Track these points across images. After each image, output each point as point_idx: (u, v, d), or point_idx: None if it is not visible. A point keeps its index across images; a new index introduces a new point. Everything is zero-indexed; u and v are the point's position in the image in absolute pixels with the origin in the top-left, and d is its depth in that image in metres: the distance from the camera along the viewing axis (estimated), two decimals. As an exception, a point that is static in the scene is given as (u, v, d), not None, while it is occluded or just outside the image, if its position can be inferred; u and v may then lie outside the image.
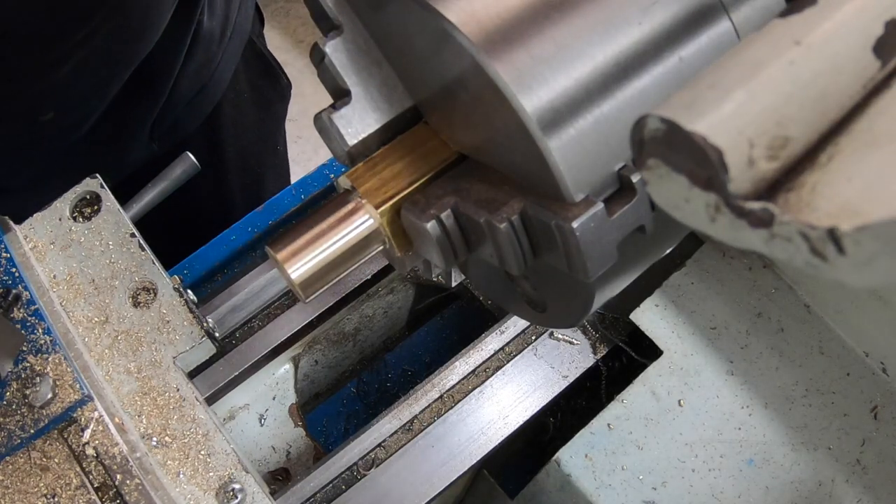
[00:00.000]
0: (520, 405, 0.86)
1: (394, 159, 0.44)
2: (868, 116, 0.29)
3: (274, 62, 1.21)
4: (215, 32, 1.03)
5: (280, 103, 1.25)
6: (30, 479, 0.70)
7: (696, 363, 0.87)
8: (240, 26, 1.08)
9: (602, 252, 0.37)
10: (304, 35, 3.00)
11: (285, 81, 1.23)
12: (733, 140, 0.27)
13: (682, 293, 0.90)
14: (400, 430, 0.85)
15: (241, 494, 0.72)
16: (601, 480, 0.83)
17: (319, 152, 2.52)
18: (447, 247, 0.42)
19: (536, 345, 0.89)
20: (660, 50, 0.38)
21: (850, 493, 0.81)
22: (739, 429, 0.84)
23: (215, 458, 0.73)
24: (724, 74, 0.29)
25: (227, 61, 1.07)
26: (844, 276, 0.26)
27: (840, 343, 0.87)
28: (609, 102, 0.37)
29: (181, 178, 0.74)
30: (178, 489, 0.72)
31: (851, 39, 0.29)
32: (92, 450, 0.72)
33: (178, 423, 0.75)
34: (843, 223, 0.25)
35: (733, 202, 0.27)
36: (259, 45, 1.16)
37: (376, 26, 0.43)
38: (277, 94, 1.24)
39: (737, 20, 0.39)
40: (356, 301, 0.97)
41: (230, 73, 1.09)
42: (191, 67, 1.00)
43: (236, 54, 1.09)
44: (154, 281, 0.77)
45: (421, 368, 1.12)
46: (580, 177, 0.36)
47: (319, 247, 0.42)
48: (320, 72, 0.44)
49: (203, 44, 1.01)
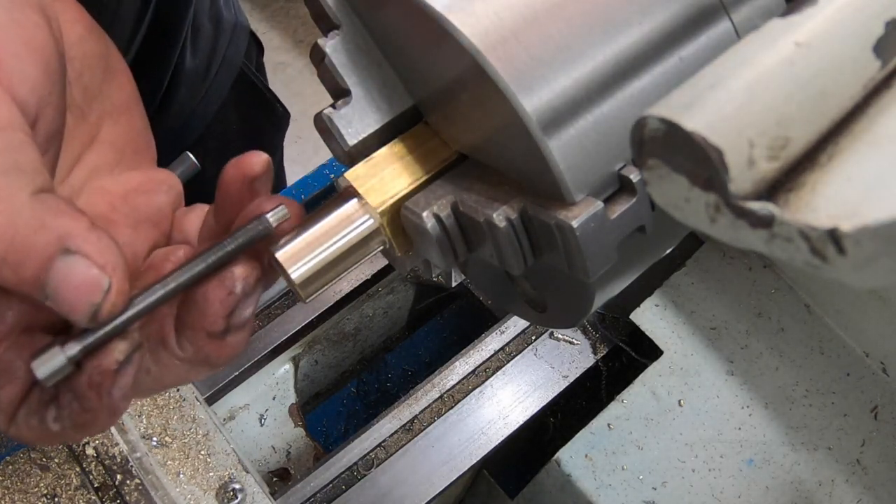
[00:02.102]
0: (520, 405, 0.86)
1: (394, 159, 0.44)
2: (868, 116, 0.29)
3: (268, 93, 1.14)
4: (199, 69, 0.98)
5: (275, 134, 1.20)
6: (30, 479, 0.70)
7: (696, 363, 0.87)
8: (228, 60, 1.02)
9: (602, 252, 0.37)
10: (304, 35, 3.00)
11: (281, 111, 1.17)
12: (733, 140, 0.27)
13: (682, 293, 0.90)
14: (400, 430, 0.85)
15: (241, 494, 0.72)
16: (601, 480, 0.83)
17: (319, 152, 2.52)
18: (447, 247, 0.42)
19: (536, 345, 0.89)
20: (660, 50, 0.38)
21: (850, 493, 0.81)
22: (739, 429, 0.84)
23: (215, 458, 0.73)
24: (724, 74, 0.29)
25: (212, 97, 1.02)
26: (844, 276, 0.26)
27: (840, 343, 0.87)
28: (609, 102, 0.37)
29: (180, 179, 0.74)
30: (178, 489, 0.72)
31: (852, 39, 0.29)
32: (92, 450, 0.72)
33: (178, 423, 0.75)
34: (844, 223, 0.25)
35: (733, 202, 0.27)
36: (252, 75, 1.10)
37: (376, 26, 0.43)
38: (272, 124, 1.18)
39: (737, 20, 0.39)
40: (356, 301, 0.97)
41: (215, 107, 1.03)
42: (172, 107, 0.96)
43: (224, 89, 1.04)
44: (154, 281, 0.77)
45: (421, 368, 1.12)
46: (580, 177, 0.36)
47: (319, 247, 0.41)
48: (320, 72, 0.44)
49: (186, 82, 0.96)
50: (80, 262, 0.36)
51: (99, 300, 0.36)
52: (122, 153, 0.49)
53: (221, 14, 1.01)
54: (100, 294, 0.36)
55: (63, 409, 0.39)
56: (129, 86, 0.49)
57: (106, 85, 0.47)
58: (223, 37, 1.01)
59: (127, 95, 0.49)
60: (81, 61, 0.45)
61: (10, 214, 0.35)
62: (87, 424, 0.40)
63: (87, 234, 0.36)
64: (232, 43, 1.02)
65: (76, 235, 0.36)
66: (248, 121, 1.12)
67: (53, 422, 0.40)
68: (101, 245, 0.36)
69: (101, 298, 0.36)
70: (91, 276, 0.36)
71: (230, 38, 1.02)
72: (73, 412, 0.39)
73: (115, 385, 0.38)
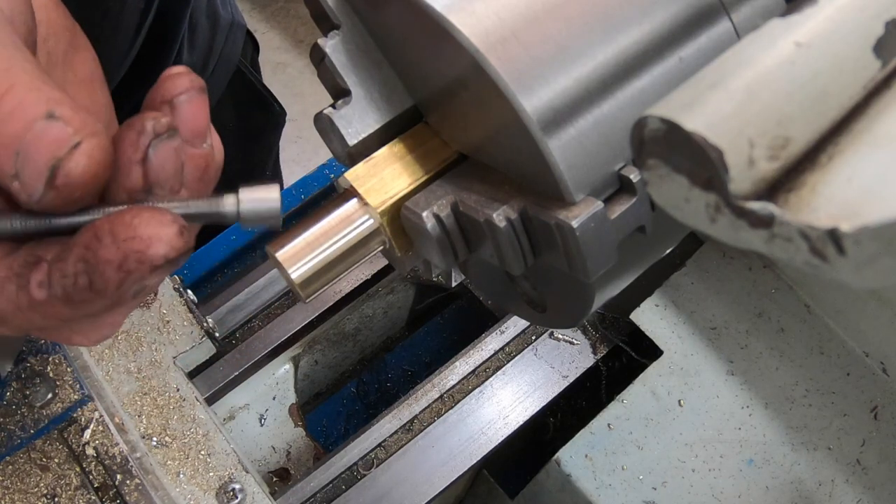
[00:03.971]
0: (520, 405, 0.86)
1: (394, 159, 0.44)
2: (868, 116, 0.29)
3: (265, 91, 1.15)
4: (196, 66, 0.98)
5: (272, 132, 1.20)
6: (30, 479, 0.70)
7: (696, 363, 0.87)
8: (225, 57, 1.03)
9: (602, 252, 0.37)
10: (304, 35, 3.00)
11: (277, 109, 1.18)
12: (733, 140, 0.27)
13: (682, 293, 0.90)
14: (400, 430, 0.85)
15: (241, 494, 0.72)
16: (601, 480, 0.83)
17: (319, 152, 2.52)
18: (447, 247, 0.42)
19: (536, 345, 0.89)
20: (660, 50, 0.38)
21: (850, 493, 0.81)
22: (739, 429, 0.84)
23: (215, 458, 0.73)
24: (724, 74, 0.29)
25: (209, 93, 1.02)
26: (844, 276, 0.26)
27: (840, 343, 0.87)
28: (609, 102, 0.37)
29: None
30: (178, 489, 0.72)
31: (852, 39, 0.29)
32: (92, 450, 0.72)
33: (178, 423, 0.75)
34: (844, 223, 0.25)
35: (733, 202, 0.27)
36: (248, 73, 1.11)
37: (376, 26, 0.43)
38: (269, 123, 1.19)
39: (737, 20, 0.39)
40: (356, 301, 0.97)
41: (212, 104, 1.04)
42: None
43: (220, 86, 1.05)
44: (154, 281, 0.77)
45: (421, 368, 1.12)
46: (580, 177, 0.36)
47: (319, 247, 0.42)
48: (320, 72, 0.44)
49: None
50: (58, 124, 0.35)
51: (61, 155, 0.34)
52: None
53: (218, 12, 1.01)
54: (64, 149, 0.34)
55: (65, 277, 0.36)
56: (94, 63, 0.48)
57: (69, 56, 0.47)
58: (220, 34, 1.01)
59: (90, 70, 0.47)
60: (47, 27, 0.44)
61: (9, 70, 0.35)
62: (83, 303, 0.36)
63: (74, 107, 0.36)
64: (228, 40, 1.02)
65: (64, 104, 0.35)
66: (245, 118, 1.12)
67: (38, 287, 0.36)
68: (82, 115, 0.35)
69: (63, 154, 0.34)
70: (64, 133, 0.35)
71: (227, 36, 1.02)
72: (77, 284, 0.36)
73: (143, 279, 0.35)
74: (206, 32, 0.99)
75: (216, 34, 1.01)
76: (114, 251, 0.35)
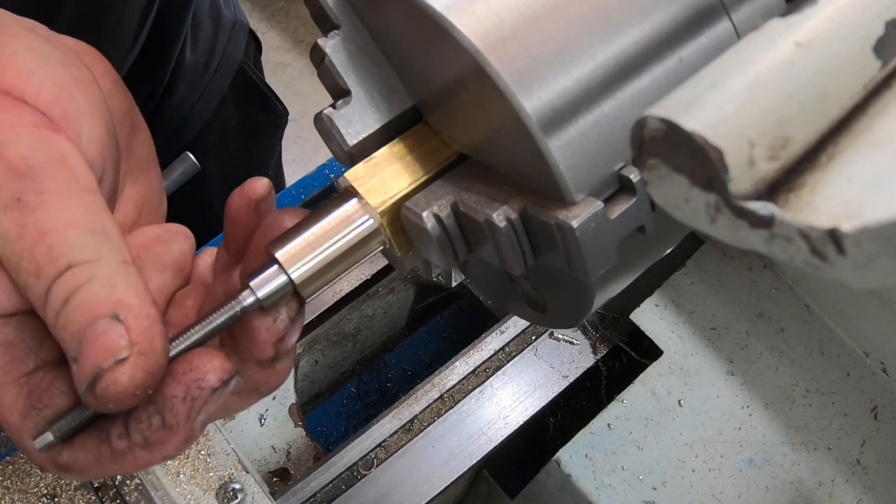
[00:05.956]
0: (520, 405, 0.86)
1: (394, 159, 0.44)
2: (868, 116, 0.29)
3: (267, 90, 1.15)
4: (199, 65, 0.98)
5: (274, 131, 1.20)
6: (30, 479, 0.70)
7: (696, 363, 0.87)
8: (228, 56, 1.03)
9: (602, 252, 0.37)
10: (304, 35, 3.00)
11: (280, 108, 1.18)
12: (734, 140, 0.27)
13: (682, 293, 0.90)
14: (400, 430, 0.85)
15: (241, 494, 0.72)
16: (601, 480, 0.83)
17: (319, 152, 2.52)
18: (447, 247, 0.42)
19: (536, 345, 0.89)
20: (660, 50, 0.38)
21: (850, 493, 0.81)
22: (739, 429, 0.84)
23: (215, 458, 0.73)
24: (724, 74, 0.29)
25: (211, 93, 1.02)
26: (845, 276, 0.26)
27: (840, 343, 0.87)
28: (609, 102, 0.37)
29: (180, 179, 0.74)
30: (178, 489, 0.72)
31: (852, 39, 0.29)
32: (92, 450, 0.72)
33: (178, 423, 0.75)
34: (844, 223, 0.25)
35: (733, 202, 0.27)
36: (251, 73, 1.11)
37: (376, 26, 0.43)
38: (271, 122, 1.18)
39: (737, 20, 0.39)
40: (356, 301, 0.97)
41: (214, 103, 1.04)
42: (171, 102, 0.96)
43: (223, 85, 1.04)
44: (154, 281, 0.77)
45: (421, 368, 1.12)
46: (580, 177, 0.36)
47: (319, 247, 0.41)
48: (320, 72, 0.44)
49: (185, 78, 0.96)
50: (118, 329, 0.36)
51: (105, 365, 0.35)
52: (140, 211, 0.49)
53: (221, 11, 1.01)
54: (110, 360, 0.35)
55: (141, 423, 0.38)
56: (149, 142, 0.49)
57: (130, 141, 0.48)
58: (223, 34, 1.01)
59: (147, 153, 0.49)
60: (114, 114, 0.45)
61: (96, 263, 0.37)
62: (160, 443, 0.38)
63: (140, 312, 0.37)
64: (231, 40, 1.03)
65: (131, 310, 0.37)
66: (247, 118, 1.12)
67: (119, 439, 0.38)
68: (144, 325, 0.36)
69: (108, 366, 0.35)
70: (117, 343, 0.36)
71: (229, 35, 1.02)
72: (151, 427, 0.38)
73: (206, 404, 0.38)
74: (209, 32, 0.99)
75: (219, 33, 1.01)
76: (176, 386, 0.38)
